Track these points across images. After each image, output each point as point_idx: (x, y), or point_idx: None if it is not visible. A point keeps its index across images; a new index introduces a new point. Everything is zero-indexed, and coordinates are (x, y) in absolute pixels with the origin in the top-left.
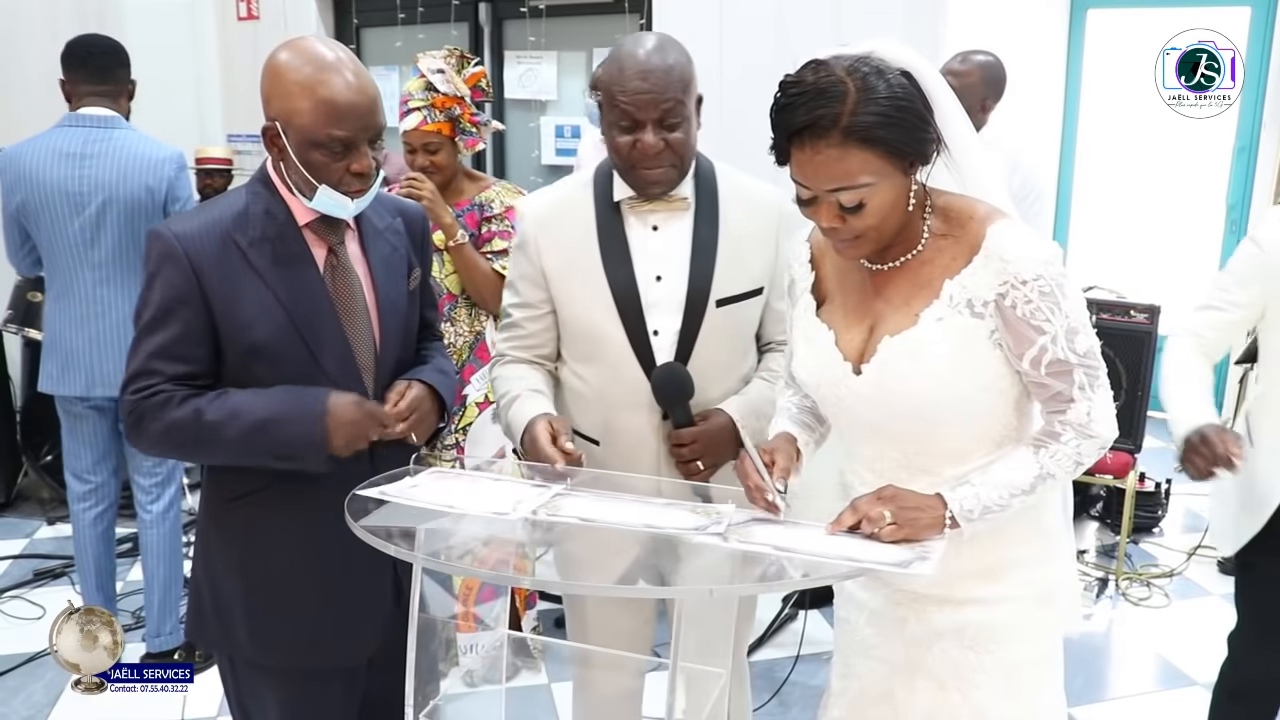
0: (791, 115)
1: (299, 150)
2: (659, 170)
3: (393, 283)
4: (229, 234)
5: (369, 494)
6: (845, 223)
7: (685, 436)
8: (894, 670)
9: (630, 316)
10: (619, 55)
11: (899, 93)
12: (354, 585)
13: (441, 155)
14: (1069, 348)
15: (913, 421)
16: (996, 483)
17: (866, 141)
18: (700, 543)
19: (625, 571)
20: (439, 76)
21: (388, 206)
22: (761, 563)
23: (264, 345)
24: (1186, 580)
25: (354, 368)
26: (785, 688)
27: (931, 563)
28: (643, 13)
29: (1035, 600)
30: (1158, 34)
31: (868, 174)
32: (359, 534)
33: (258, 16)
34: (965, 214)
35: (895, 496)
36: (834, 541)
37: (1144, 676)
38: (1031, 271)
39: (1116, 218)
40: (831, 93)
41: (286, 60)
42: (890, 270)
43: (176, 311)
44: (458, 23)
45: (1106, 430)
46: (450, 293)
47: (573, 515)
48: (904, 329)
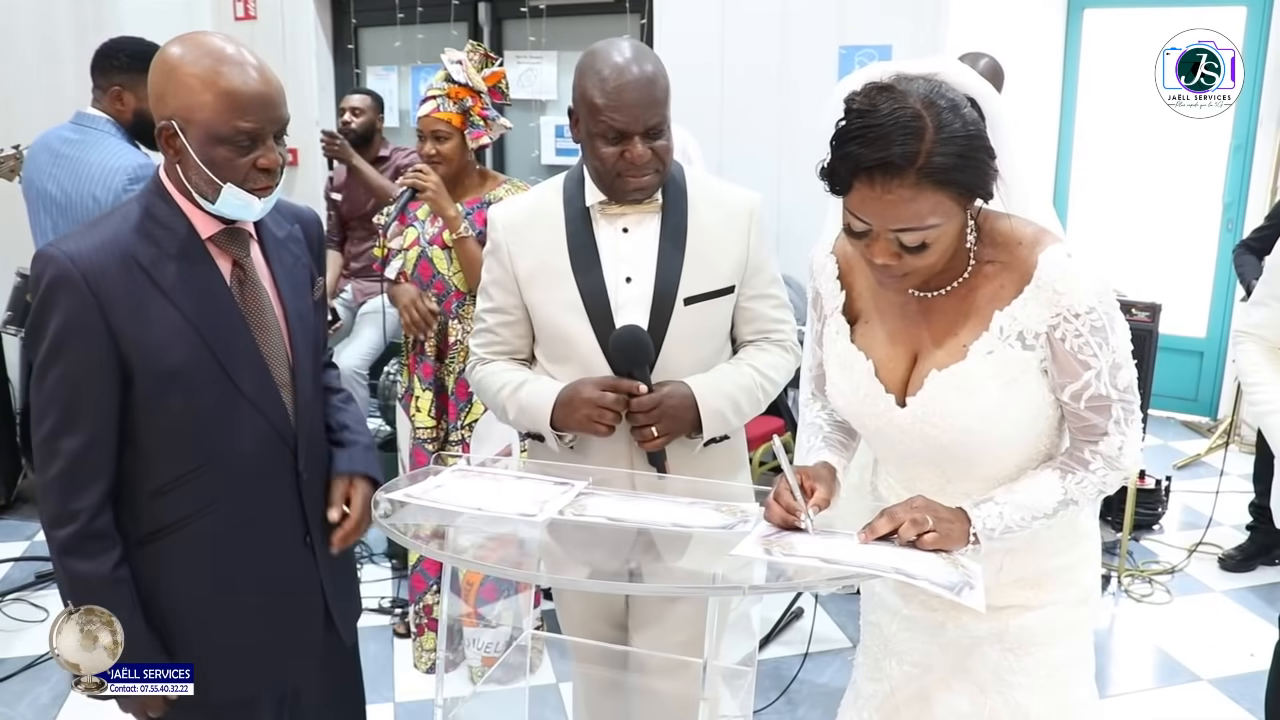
0: (863, 149)
1: (201, 148)
2: (645, 178)
3: (299, 294)
4: (129, 253)
5: (395, 496)
6: (901, 260)
7: (645, 403)
8: (928, 672)
9: (599, 318)
10: (597, 67)
11: (973, 130)
12: (279, 613)
13: (449, 146)
14: (1111, 383)
15: (957, 451)
16: (1020, 504)
17: (942, 184)
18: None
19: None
20: (457, 67)
21: (285, 213)
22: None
23: (178, 371)
24: (1188, 577)
25: (272, 386)
26: (793, 686)
27: (978, 593)
28: (643, 13)
29: (1073, 603)
30: (1154, 34)
31: (937, 215)
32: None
33: (255, 17)
34: (1013, 239)
35: (929, 506)
36: (878, 553)
37: (1147, 672)
38: (1085, 305)
39: (1113, 217)
40: (910, 128)
41: (181, 54)
42: (936, 298)
43: (75, 344)
44: (457, 22)
45: (1133, 463)
46: (459, 290)
47: (600, 515)
48: (952, 363)
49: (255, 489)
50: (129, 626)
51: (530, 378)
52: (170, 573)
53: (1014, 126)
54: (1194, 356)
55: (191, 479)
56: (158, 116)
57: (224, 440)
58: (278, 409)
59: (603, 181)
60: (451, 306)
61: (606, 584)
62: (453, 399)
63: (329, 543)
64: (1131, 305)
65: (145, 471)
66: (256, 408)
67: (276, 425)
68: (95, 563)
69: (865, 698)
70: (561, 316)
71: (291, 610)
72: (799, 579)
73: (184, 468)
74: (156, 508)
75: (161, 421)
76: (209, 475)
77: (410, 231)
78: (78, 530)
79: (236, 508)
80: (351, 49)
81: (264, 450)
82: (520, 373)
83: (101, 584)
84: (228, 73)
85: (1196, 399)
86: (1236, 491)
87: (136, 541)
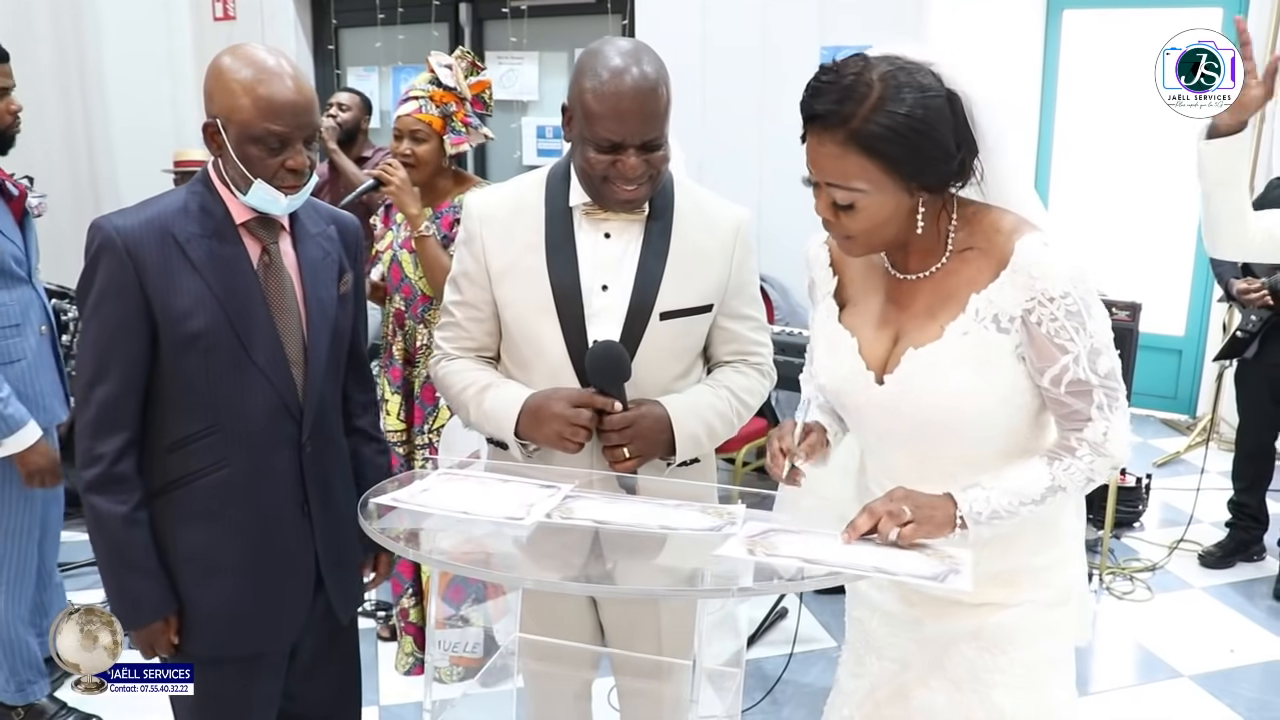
0: (811, 101)
1: (237, 145)
2: (636, 189)
3: (322, 284)
4: (167, 229)
5: (381, 500)
6: (837, 219)
7: (618, 421)
8: (906, 669)
9: (571, 324)
10: (597, 69)
11: (920, 114)
12: (273, 574)
13: (425, 148)
14: (1091, 368)
15: (932, 431)
16: (1008, 489)
17: (867, 150)
18: (724, 556)
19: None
20: (445, 70)
21: (323, 214)
22: (783, 572)
23: (197, 335)
24: (1168, 574)
25: (283, 360)
26: (778, 686)
27: (965, 576)
28: (625, 13)
29: (1049, 603)
30: (1133, 34)
31: (863, 181)
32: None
33: (234, 17)
34: (993, 226)
35: (908, 496)
36: (860, 552)
37: (1128, 669)
38: (1059, 288)
39: (1092, 216)
40: (854, 93)
41: (229, 63)
42: (916, 280)
43: (112, 302)
44: (438, 23)
45: (1120, 451)
46: (424, 294)
47: (586, 518)
48: (928, 342)
49: (260, 454)
50: (142, 565)
51: (496, 380)
52: (177, 525)
53: (1005, 129)
54: (1173, 355)
55: (204, 437)
56: (206, 114)
57: (235, 404)
58: (287, 382)
59: (589, 185)
60: (418, 311)
61: (588, 586)
62: (419, 403)
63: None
64: (1112, 304)
65: (164, 427)
66: (267, 378)
67: (284, 397)
68: (114, 502)
69: (846, 694)
70: (531, 317)
71: (283, 575)
72: (783, 580)
73: (198, 426)
74: (171, 462)
75: (180, 381)
76: (219, 436)
77: (389, 234)
78: (101, 472)
79: (241, 470)
80: (332, 50)
81: (271, 419)
82: (486, 373)
83: (118, 523)
84: (266, 81)
85: (1176, 397)
86: (1216, 489)
87: (152, 492)
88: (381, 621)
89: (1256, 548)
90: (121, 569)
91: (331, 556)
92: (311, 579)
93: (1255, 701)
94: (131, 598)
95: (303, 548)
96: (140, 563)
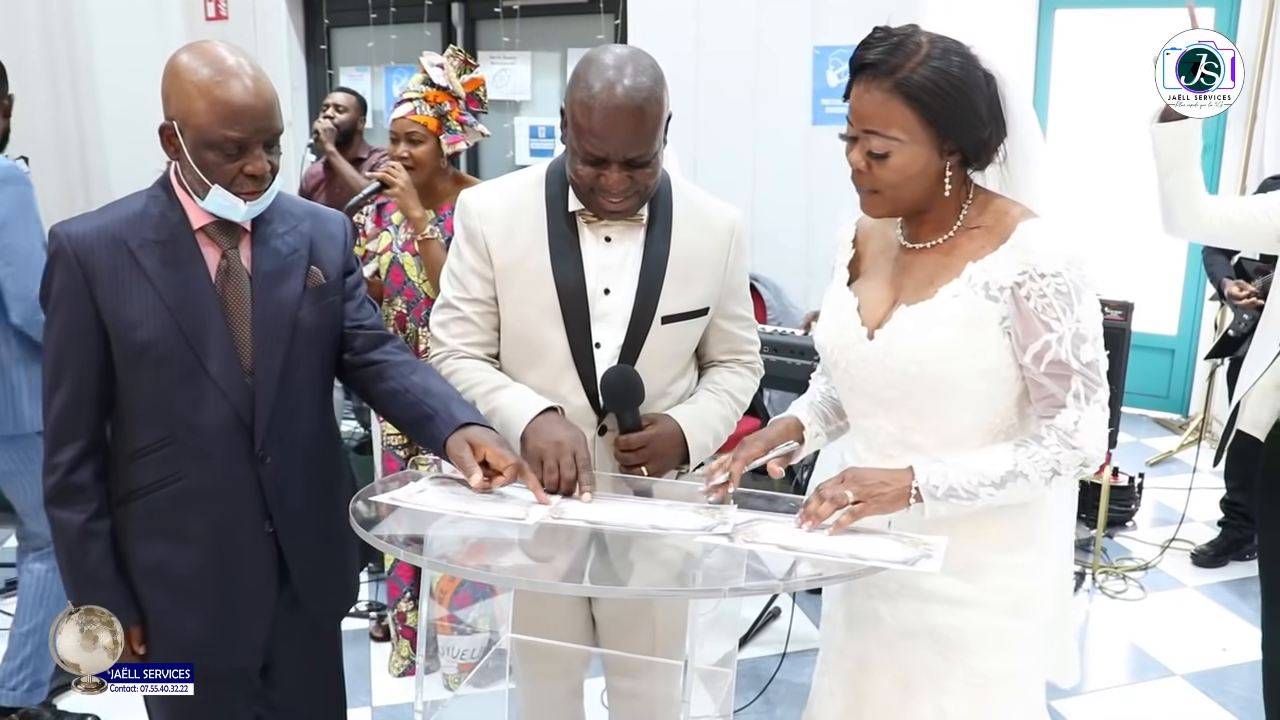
0: (864, 51)
1: (193, 150)
2: (620, 202)
3: (282, 286)
4: (119, 236)
5: (379, 499)
6: (869, 170)
7: (635, 441)
8: (865, 666)
9: (575, 327)
10: (589, 80)
11: (963, 76)
12: (230, 593)
13: (422, 149)
14: (1073, 352)
15: (913, 390)
16: (968, 468)
17: (910, 99)
18: (707, 542)
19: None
20: (437, 70)
21: (297, 212)
22: (766, 562)
23: (148, 345)
24: (1161, 573)
25: (238, 371)
26: (771, 686)
27: (936, 560)
28: (618, 13)
29: (1007, 610)
30: (1125, 34)
31: (901, 130)
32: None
33: (226, 16)
34: (1002, 210)
35: (857, 477)
36: (839, 540)
37: (1120, 668)
38: (1052, 266)
39: (1085, 215)
40: (905, 46)
41: (187, 62)
42: (922, 250)
43: (65, 310)
44: (430, 23)
45: (1091, 446)
46: (429, 297)
47: (579, 519)
48: (921, 300)
49: (217, 467)
50: (99, 576)
51: (508, 382)
52: (136, 536)
53: (1030, 114)
54: (1165, 354)
55: (160, 449)
56: (164, 116)
57: (189, 416)
58: (242, 393)
59: (579, 194)
60: (421, 314)
61: (580, 587)
62: None
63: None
64: (1104, 304)
65: (125, 436)
66: (220, 389)
67: (239, 409)
68: (71, 512)
69: (815, 690)
70: (536, 320)
71: (241, 594)
72: (776, 580)
73: (154, 437)
74: (132, 471)
75: (134, 391)
76: (174, 447)
77: (384, 235)
78: (58, 481)
79: (198, 482)
80: (324, 49)
81: (227, 431)
82: (498, 375)
83: (75, 532)
84: (223, 83)
85: (1168, 396)
86: (1208, 488)
87: (116, 501)
88: (375, 622)
89: (1248, 546)
90: (79, 578)
91: (304, 569)
92: (272, 599)
93: (1247, 700)
94: None
95: (263, 566)
96: (97, 572)
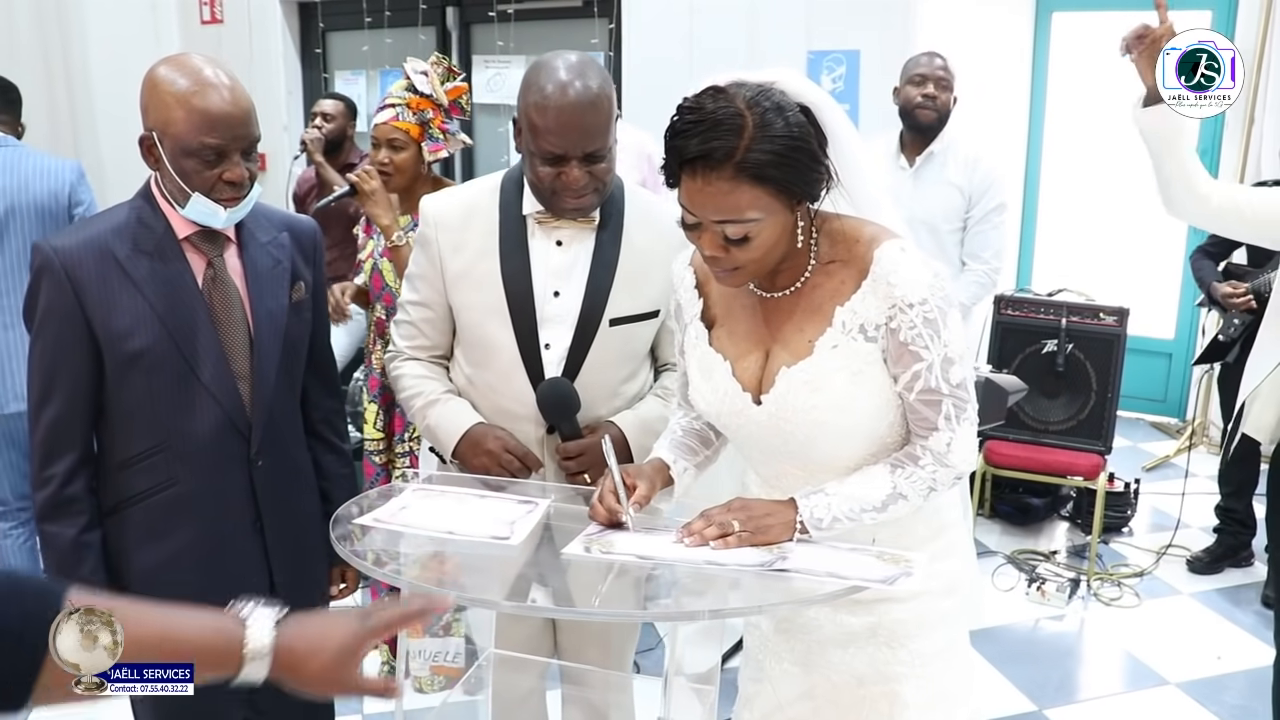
0: (686, 142)
1: (173, 158)
2: (582, 199)
3: (271, 295)
4: (106, 248)
5: (361, 521)
6: (728, 253)
7: (572, 449)
8: (808, 670)
9: (523, 329)
10: (541, 84)
11: (795, 132)
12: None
13: (403, 156)
14: (943, 377)
15: (815, 445)
16: (849, 495)
17: (758, 179)
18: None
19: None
20: (421, 78)
21: (275, 221)
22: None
23: (140, 354)
24: (1156, 579)
25: (229, 376)
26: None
27: (916, 578)
28: (612, 17)
29: (940, 593)
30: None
31: (756, 210)
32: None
33: (222, 20)
34: (852, 236)
35: (745, 506)
36: (818, 557)
37: (1115, 676)
38: (918, 295)
39: (1082, 219)
40: (728, 125)
41: (164, 74)
42: (782, 298)
43: (54, 324)
44: (425, 27)
45: (962, 463)
46: None
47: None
48: (800, 359)
49: (209, 472)
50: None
51: (443, 396)
52: (128, 544)
53: (854, 136)
54: (1162, 358)
55: (151, 456)
56: (143, 127)
57: (182, 423)
58: (234, 398)
59: (540, 196)
60: None
61: (563, 610)
62: (400, 412)
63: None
64: (1099, 310)
65: (114, 445)
66: (212, 395)
67: (231, 414)
68: (63, 526)
69: (748, 699)
70: (485, 322)
71: (233, 595)
72: (754, 604)
73: (145, 445)
74: (122, 480)
75: (126, 400)
76: (167, 454)
77: (370, 242)
78: (51, 494)
79: (190, 488)
80: (319, 53)
81: (219, 436)
82: (435, 384)
83: (67, 546)
84: (201, 92)
85: (1165, 400)
86: (1204, 493)
87: (106, 510)
88: None
89: (1245, 553)
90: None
91: (287, 576)
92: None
93: (1241, 709)
94: None
95: (254, 569)
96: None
